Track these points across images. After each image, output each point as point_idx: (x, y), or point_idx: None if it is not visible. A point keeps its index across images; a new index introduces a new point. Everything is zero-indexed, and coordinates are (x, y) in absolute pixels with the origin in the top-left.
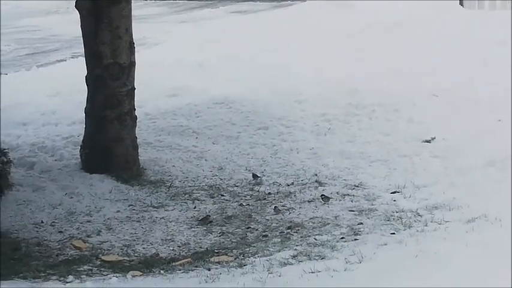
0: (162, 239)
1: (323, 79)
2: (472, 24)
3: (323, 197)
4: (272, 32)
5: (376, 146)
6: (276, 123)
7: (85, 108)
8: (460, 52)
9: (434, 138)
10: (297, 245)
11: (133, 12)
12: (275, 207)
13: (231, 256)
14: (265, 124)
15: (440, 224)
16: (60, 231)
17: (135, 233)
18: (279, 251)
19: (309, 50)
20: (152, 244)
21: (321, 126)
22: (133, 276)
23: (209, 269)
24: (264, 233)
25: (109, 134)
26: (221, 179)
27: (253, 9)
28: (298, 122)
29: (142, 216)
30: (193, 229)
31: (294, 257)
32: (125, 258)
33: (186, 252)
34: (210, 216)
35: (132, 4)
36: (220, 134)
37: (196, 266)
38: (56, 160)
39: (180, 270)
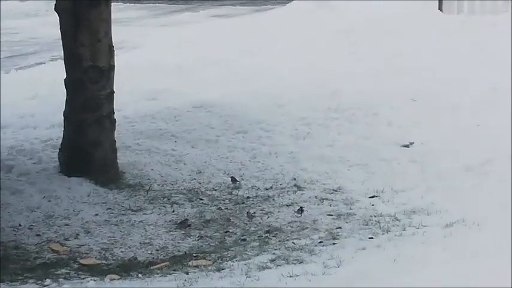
0: (140, 243)
1: (303, 83)
2: (451, 28)
3: (299, 209)
4: (252, 35)
5: (355, 150)
6: (255, 127)
7: (64, 112)
8: (440, 55)
9: (413, 143)
10: (275, 249)
11: (113, 16)
12: (247, 212)
13: (209, 260)
14: (244, 128)
15: (418, 228)
16: (38, 235)
17: (113, 237)
18: (257, 255)
19: (289, 53)
20: (130, 248)
21: (300, 131)
22: (111, 279)
23: (187, 273)
24: (242, 237)
25: (88, 137)
26: (200, 183)
27: (234, 13)
28: (277, 126)
29: (121, 220)
30: (171, 233)
31: (272, 261)
32: (103, 261)
33: (164, 256)
34: (188, 220)
35: (112, 7)
36: (199, 137)
37: (174, 270)
38: (34, 163)
39: (158, 273)
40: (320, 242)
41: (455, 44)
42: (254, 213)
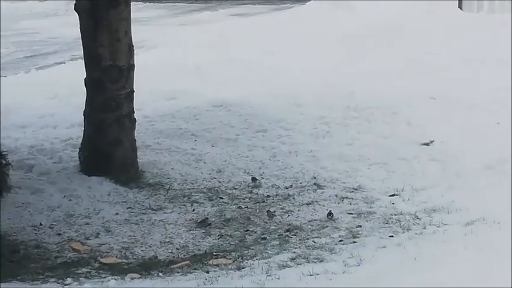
0: (160, 242)
1: (322, 82)
2: (471, 26)
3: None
4: (271, 34)
5: (374, 149)
6: (275, 126)
7: (84, 111)
8: (458, 54)
9: (433, 141)
10: (295, 248)
11: (133, 15)
12: (268, 211)
13: (230, 259)
14: (264, 127)
15: (438, 226)
16: (59, 234)
17: (134, 236)
18: (278, 254)
19: (308, 53)
20: (151, 246)
21: (320, 129)
22: (131, 278)
23: (207, 272)
24: (262, 236)
25: (108, 136)
26: (220, 182)
27: (253, 12)
28: (297, 125)
29: (141, 219)
30: (191, 232)
31: (292, 259)
32: (124, 260)
33: (184, 255)
34: (208, 218)
35: (132, 7)
36: (219, 136)
37: (194, 269)
38: (54, 163)
39: (178, 272)
40: (340, 241)
41: (475, 42)
42: (274, 212)
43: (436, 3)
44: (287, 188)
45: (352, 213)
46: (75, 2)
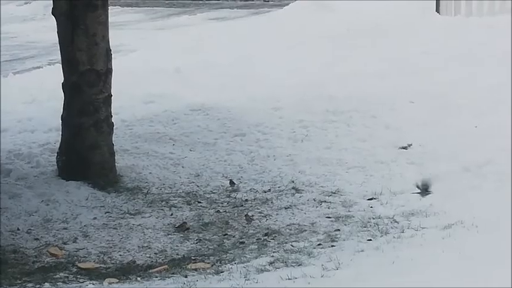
0: (138, 246)
1: (300, 85)
2: (448, 29)
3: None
4: (250, 38)
5: (353, 152)
6: (253, 130)
7: (61, 115)
8: (438, 56)
9: (411, 145)
10: (274, 252)
11: (110, 19)
12: (246, 215)
13: (208, 263)
14: (242, 131)
15: (417, 230)
16: (37, 239)
17: (112, 240)
18: (256, 258)
19: (287, 56)
20: (129, 251)
21: (298, 133)
22: (109, 283)
23: (186, 276)
24: (241, 240)
25: (86, 141)
26: (198, 186)
27: (231, 16)
28: (275, 128)
29: (119, 223)
30: (170, 236)
31: (271, 263)
32: (102, 265)
33: (162, 259)
34: (186, 223)
35: (109, 11)
36: (197, 140)
37: (173, 273)
38: (32, 167)
39: (156, 277)
40: (319, 245)
41: (452, 45)
42: (252, 216)
43: (414, 5)
44: (265, 192)
45: (330, 217)
46: (52, 6)
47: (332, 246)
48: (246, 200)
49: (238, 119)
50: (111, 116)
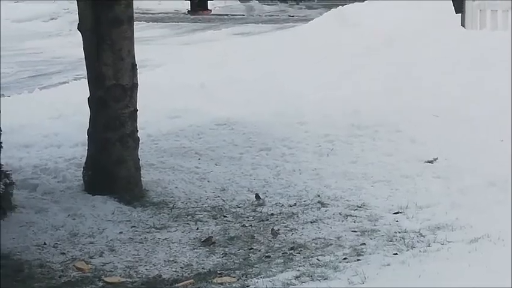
0: (164, 260)
1: (326, 100)
2: (473, 43)
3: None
4: (274, 53)
5: (378, 166)
6: (279, 144)
7: (87, 130)
8: (461, 71)
9: (437, 159)
10: (299, 266)
11: (136, 34)
12: (272, 229)
13: (234, 277)
14: (268, 145)
15: (443, 244)
16: (63, 253)
17: (138, 254)
18: (282, 272)
19: (311, 71)
20: (155, 265)
21: (324, 147)
22: None
23: None
24: (266, 254)
25: (111, 155)
26: (224, 200)
27: (256, 31)
28: (300, 143)
29: (145, 238)
30: (195, 250)
31: (296, 277)
32: (128, 279)
33: (188, 274)
34: (212, 237)
35: (135, 26)
36: (223, 155)
37: (199, 287)
38: (58, 182)
39: None
40: (344, 259)
41: (476, 59)
42: (278, 230)
43: (439, 19)
44: (291, 206)
45: (356, 231)
46: (78, 22)
47: (358, 260)
48: (272, 214)
49: (263, 134)
50: (137, 131)
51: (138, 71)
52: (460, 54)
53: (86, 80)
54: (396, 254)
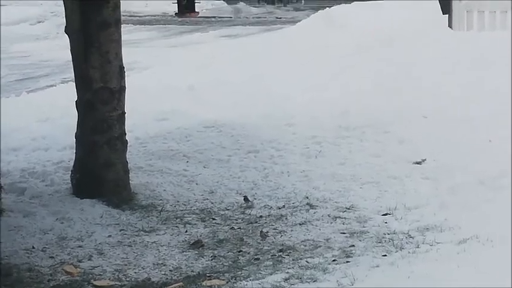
0: (153, 264)
1: (313, 102)
2: (460, 44)
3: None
4: (262, 55)
5: (366, 168)
6: (267, 146)
7: (75, 133)
8: (449, 71)
9: (425, 159)
10: (288, 268)
11: (123, 37)
12: (261, 231)
13: (223, 280)
14: (256, 147)
15: (432, 245)
16: (52, 257)
17: (127, 258)
18: (271, 274)
19: (299, 72)
20: (144, 268)
21: (312, 149)
22: None
23: None
24: (255, 256)
25: (99, 158)
26: (212, 203)
27: (243, 33)
28: (288, 145)
29: (134, 241)
30: (184, 253)
31: (286, 280)
32: (117, 283)
33: (177, 277)
34: (201, 240)
35: (122, 29)
36: (211, 157)
37: None
38: (46, 185)
39: None
40: (333, 260)
41: (464, 60)
42: (267, 232)
43: (426, 20)
44: (280, 208)
45: (345, 233)
46: (65, 25)
47: (347, 262)
48: (261, 216)
49: (251, 136)
50: (125, 134)
51: (125, 73)
52: (448, 53)
53: (74, 83)
54: (385, 255)
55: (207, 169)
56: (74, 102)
